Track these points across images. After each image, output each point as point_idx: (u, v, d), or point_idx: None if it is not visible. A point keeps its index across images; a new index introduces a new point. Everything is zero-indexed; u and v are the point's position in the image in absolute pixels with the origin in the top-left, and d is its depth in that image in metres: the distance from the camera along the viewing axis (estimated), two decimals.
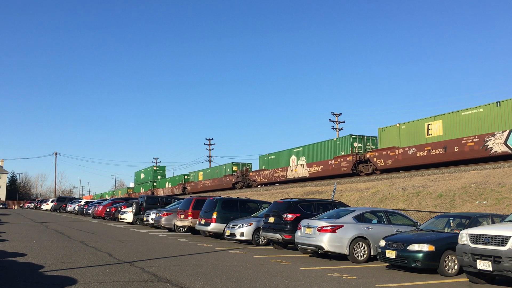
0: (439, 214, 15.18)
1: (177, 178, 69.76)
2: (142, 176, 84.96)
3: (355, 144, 33.89)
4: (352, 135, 34.26)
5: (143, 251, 13.52)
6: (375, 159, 31.46)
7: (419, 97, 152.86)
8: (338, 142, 35.35)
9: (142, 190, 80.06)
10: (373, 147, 34.12)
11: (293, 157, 40.76)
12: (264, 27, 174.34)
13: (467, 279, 9.71)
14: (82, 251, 13.17)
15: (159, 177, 78.57)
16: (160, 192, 71.32)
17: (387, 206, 22.12)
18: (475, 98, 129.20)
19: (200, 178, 60.69)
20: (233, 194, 41.70)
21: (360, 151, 33.67)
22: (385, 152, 30.66)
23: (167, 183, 72.50)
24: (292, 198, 17.10)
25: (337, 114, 54.23)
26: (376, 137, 33.37)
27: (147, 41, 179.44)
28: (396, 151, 29.75)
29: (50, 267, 9.81)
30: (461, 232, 9.56)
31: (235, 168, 52.66)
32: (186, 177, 66.75)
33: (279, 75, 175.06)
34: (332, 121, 54.02)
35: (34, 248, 13.60)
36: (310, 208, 15.54)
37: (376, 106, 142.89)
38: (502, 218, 11.45)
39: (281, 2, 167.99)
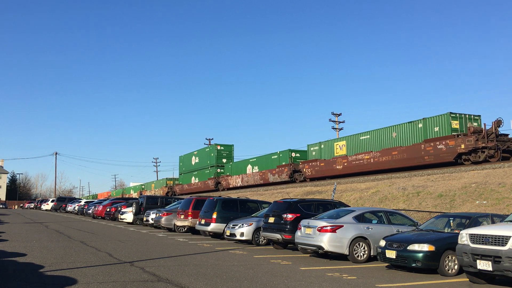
0: (439, 214, 15.18)
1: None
2: (195, 160, 60.15)
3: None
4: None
5: (143, 251, 13.52)
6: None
7: (419, 97, 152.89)
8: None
9: (195, 180, 58.89)
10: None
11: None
12: (264, 27, 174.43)
13: (467, 279, 9.71)
14: (82, 251, 13.17)
15: (224, 160, 54.40)
16: (236, 183, 49.01)
17: (387, 206, 22.12)
18: (475, 98, 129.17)
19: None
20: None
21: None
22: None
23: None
24: (292, 198, 17.11)
25: (337, 114, 54.23)
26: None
27: (147, 41, 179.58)
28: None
29: (50, 267, 9.81)
30: (461, 232, 9.56)
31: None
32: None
33: (279, 75, 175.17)
34: (332, 121, 54.05)
35: (34, 248, 13.60)
36: (310, 208, 15.54)
37: (376, 106, 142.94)
38: (502, 218, 11.45)
39: (282, 2, 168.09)
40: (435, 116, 27.66)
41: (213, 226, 19.02)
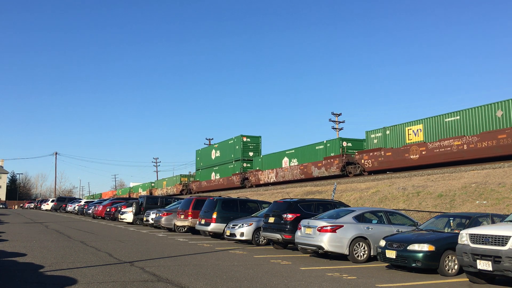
0: (439, 214, 15.18)
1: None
2: (215, 154, 54.23)
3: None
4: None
5: (143, 251, 13.52)
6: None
7: (418, 97, 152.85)
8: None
9: (215, 176, 53.14)
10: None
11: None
12: (264, 27, 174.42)
13: (467, 279, 9.71)
14: (82, 251, 13.17)
15: (250, 153, 48.10)
16: (268, 178, 42.43)
17: (387, 206, 22.11)
18: (475, 98, 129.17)
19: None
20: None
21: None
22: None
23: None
24: (292, 198, 17.11)
25: (337, 114, 54.21)
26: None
27: (147, 41, 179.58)
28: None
29: (50, 267, 9.81)
30: (461, 232, 9.56)
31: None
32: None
33: (279, 75, 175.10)
34: (332, 121, 54.02)
35: (34, 248, 13.60)
36: (310, 208, 15.54)
37: (376, 106, 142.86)
38: (502, 218, 11.45)
39: (281, 2, 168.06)
40: None
41: (213, 226, 19.02)
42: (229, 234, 17.47)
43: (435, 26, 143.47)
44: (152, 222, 25.42)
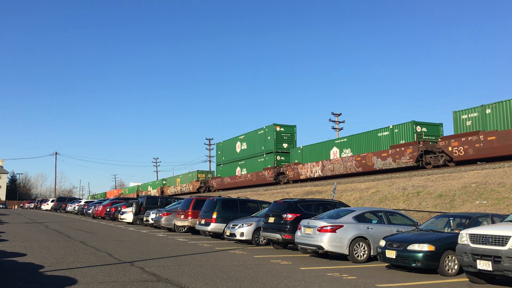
0: (439, 214, 15.18)
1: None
2: (241, 147, 47.91)
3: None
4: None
5: (143, 251, 13.52)
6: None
7: (419, 96, 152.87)
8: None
9: (241, 171, 46.94)
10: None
11: None
12: (264, 26, 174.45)
13: (467, 279, 9.71)
14: (82, 251, 13.17)
15: (284, 145, 42.12)
16: (312, 172, 36.14)
17: (387, 206, 22.11)
18: (474, 98, 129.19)
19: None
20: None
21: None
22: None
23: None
24: (292, 198, 17.11)
25: (337, 114, 54.23)
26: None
27: (147, 41, 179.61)
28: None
29: (50, 267, 9.81)
30: (461, 232, 9.56)
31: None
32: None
33: (279, 74, 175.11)
34: (332, 121, 54.05)
35: (34, 248, 13.60)
36: (310, 208, 15.54)
37: (375, 106, 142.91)
38: (502, 218, 11.45)
39: (281, 2, 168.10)
40: None
41: (213, 226, 19.02)
42: (229, 234, 17.47)
43: (435, 26, 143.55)
44: (152, 222, 25.42)
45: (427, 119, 38.24)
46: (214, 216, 18.99)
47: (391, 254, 10.94)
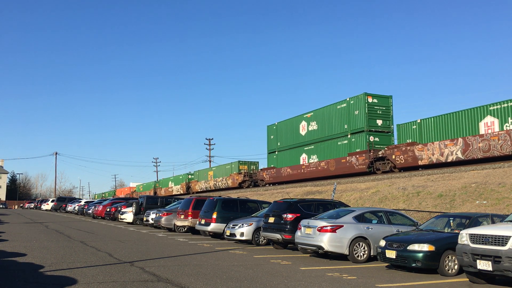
0: (439, 214, 15.18)
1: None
2: (308, 127, 37.53)
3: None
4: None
5: (143, 251, 13.52)
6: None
7: (417, 97, 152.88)
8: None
9: (309, 159, 36.64)
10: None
11: None
12: (264, 26, 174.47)
13: (467, 279, 9.71)
14: (82, 251, 13.17)
15: (379, 122, 31.74)
16: (443, 155, 25.60)
17: (387, 206, 22.11)
18: (474, 98, 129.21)
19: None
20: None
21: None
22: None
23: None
24: (292, 198, 17.11)
25: None
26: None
27: (146, 40, 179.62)
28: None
29: (50, 267, 9.81)
30: (461, 232, 9.56)
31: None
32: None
33: (279, 74, 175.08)
34: None
35: (34, 248, 13.60)
36: (310, 208, 15.54)
37: None
38: (502, 218, 11.45)
39: (281, 1, 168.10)
40: None
41: (213, 226, 19.02)
42: (229, 234, 17.47)
43: (435, 26, 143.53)
44: (152, 222, 25.42)
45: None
46: (214, 216, 18.99)
47: (391, 254, 10.94)
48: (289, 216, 14.98)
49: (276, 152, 41.72)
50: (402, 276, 10.34)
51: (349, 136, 32.82)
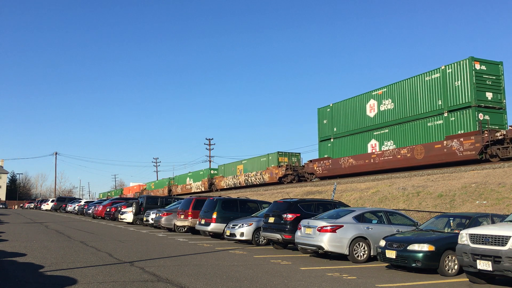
0: (439, 214, 15.18)
1: None
2: (379, 107, 30.81)
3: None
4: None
5: (143, 251, 13.52)
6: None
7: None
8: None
9: (381, 146, 30.17)
10: None
11: None
12: (264, 26, 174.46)
13: (467, 279, 9.71)
14: (82, 251, 13.17)
15: (488, 95, 24.89)
16: None
17: (387, 206, 22.11)
18: None
19: None
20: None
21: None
22: None
23: None
24: (292, 198, 17.11)
25: None
26: None
27: (146, 40, 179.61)
28: None
29: (50, 267, 9.81)
30: (461, 232, 9.56)
31: None
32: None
33: (279, 74, 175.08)
34: None
35: (34, 248, 13.60)
36: (310, 208, 15.55)
37: None
38: (502, 218, 11.45)
39: (281, 1, 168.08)
40: None
41: (213, 226, 19.02)
42: (229, 234, 17.47)
43: (435, 26, 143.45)
44: (152, 222, 25.43)
45: None
46: (214, 216, 18.99)
47: (391, 254, 10.94)
48: (289, 216, 14.98)
49: (332, 140, 34.81)
50: (402, 276, 10.34)
51: (445, 114, 25.91)
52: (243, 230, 16.99)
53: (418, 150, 26.99)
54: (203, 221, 19.55)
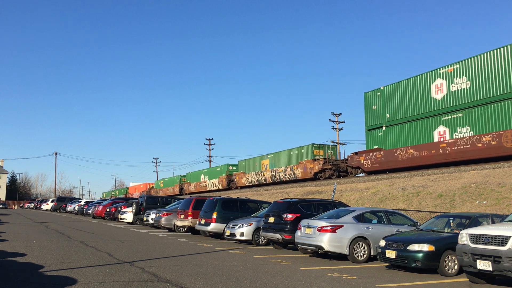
0: (439, 214, 15.18)
1: None
2: (448, 87, 25.96)
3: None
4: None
5: (143, 251, 13.52)
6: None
7: None
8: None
9: (451, 132, 25.52)
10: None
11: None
12: (264, 26, 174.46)
13: (467, 279, 9.71)
14: (82, 251, 13.17)
15: None
16: None
17: (387, 206, 22.11)
18: None
19: None
20: None
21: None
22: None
23: None
24: (292, 198, 17.11)
25: (337, 114, 54.24)
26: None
27: (146, 41, 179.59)
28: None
29: (50, 267, 9.81)
30: (461, 232, 9.56)
31: None
32: None
33: (279, 74, 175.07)
34: (332, 121, 54.04)
35: (34, 248, 13.60)
36: (310, 208, 15.55)
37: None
38: (502, 218, 11.45)
39: (281, 2, 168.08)
40: None
41: (213, 226, 19.02)
42: (229, 234, 17.48)
43: (434, 27, 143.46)
44: (152, 222, 25.43)
45: None
46: (214, 216, 18.99)
47: (391, 254, 10.94)
48: (289, 216, 14.98)
49: (383, 128, 30.48)
50: (402, 276, 10.34)
51: None
52: (243, 230, 16.99)
53: (509, 136, 22.10)
54: (203, 221, 19.55)
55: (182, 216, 21.88)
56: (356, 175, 32.60)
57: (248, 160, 47.24)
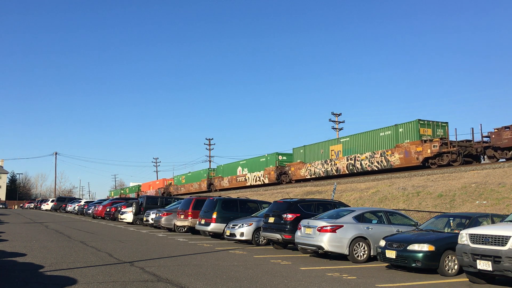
0: (439, 214, 15.18)
1: None
2: None
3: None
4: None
5: (143, 251, 13.52)
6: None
7: (417, 97, 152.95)
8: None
9: None
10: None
11: None
12: (264, 28, 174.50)
13: (467, 279, 9.71)
14: (82, 251, 13.17)
15: None
16: None
17: (387, 206, 22.12)
18: (472, 97, 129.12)
19: None
20: None
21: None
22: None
23: None
24: (292, 198, 17.11)
25: (337, 114, 54.23)
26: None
27: (147, 42, 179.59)
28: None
29: (50, 267, 9.81)
30: (461, 232, 9.57)
31: None
32: None
33: (279, 75, 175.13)
34: (332, 121, 54.04)
35: (34, 248, 13.59)
36: (310, 208, 15.54)
37: (375, 107, 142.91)
38: (502, 218, 11.45)
39: (282, 4, 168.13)
40: None
41: (213, 226, 19.02)
42: (229, 234, 17.47)
43: (434, 28, 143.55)
44: (152, 222, 25.42)
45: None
46: (214, 216, 18.99)
47: (391, 254, 10.94)
48: (289, 216, 14.98)
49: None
50: (402, 276, 10.34)
51: None
52: (243, 230, 16.99)
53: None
54: (203, 221, 19.55)
55: (182, 216, 21.87)
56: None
57: (307, 147, 38.06)
